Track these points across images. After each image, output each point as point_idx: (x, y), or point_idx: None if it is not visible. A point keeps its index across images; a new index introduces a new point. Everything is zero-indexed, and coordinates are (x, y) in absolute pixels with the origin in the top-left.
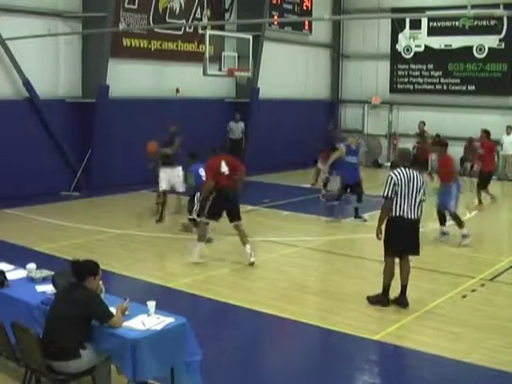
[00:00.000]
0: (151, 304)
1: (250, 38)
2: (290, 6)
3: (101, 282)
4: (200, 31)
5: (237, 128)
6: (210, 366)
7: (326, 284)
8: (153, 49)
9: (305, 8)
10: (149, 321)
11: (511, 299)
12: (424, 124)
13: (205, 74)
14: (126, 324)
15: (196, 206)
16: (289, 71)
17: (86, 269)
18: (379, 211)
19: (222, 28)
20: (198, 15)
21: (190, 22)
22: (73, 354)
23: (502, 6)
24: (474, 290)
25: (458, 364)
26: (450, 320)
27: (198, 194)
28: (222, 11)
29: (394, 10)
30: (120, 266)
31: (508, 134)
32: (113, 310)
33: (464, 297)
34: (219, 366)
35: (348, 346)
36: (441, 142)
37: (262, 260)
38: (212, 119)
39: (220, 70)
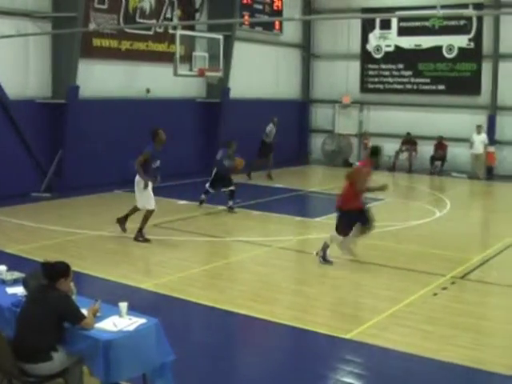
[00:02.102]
0: (123, 305)
1: (221, 38)
2: (260, 6)
3: (72, 284)
4: (170, 31)
5: (271, 131)
6: (183, 366)
7: (298, 283)
8: (123, 49)
9: (275, 8)
10: (121, 322)
11: (482, 297)
12: None
13: (175, 74)
14: (97, 325)
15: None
16: (260, 71)
17: (58, 270)
18: None
19: (192, 28)
20: (168, 15)
21: (160, 22)
22: (44, 356)
23: (471, 6)
24: (445, 288)
25: (429, 361)
26: (421, 318)
27: None
28: (192, 11)
29: (365, 10)
30: (91, 268)
31: (478, 133)
32: (84, 311)
33: (435, 295)
34: (191, 366)
35: (321, 345)
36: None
37: (234, 260)
38: (183, 119)
39: (191, 70)
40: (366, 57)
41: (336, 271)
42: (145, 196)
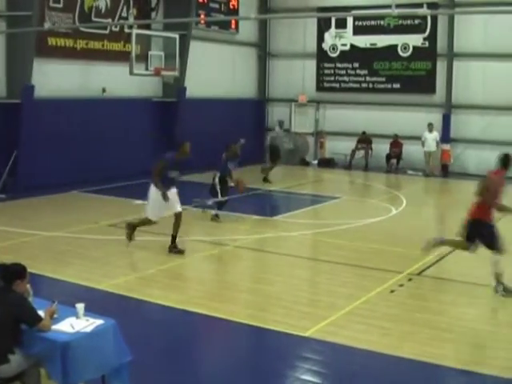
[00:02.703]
0: (80, 306)
1: (177, 37)
2: (216, 5)
3: (28, 286)
4: (126, 30)
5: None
6: (140, 367)
7: (256, 282)
8: (79, 48)
9: (231, 7)
10: (78, 323)
11: (438, 293)
12: None
13: (131, 73)
14: (54, 327)
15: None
16: (216, 70)
17: (13, 272)
18: (307, 209)
19: (148, 27)
20: (124, 14)
21: (116, 21)
22: (1, 359)
23: (425, 6)
24: (401, 285)
25: (388, 358)
26: (379, 315)
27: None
28: (148, 10)
29: (320, 9)
30: (48, 269)
31: (430, 131)
32: (41, 313)
33: (392, 292)
34: (149, 367)
35: (279, 344)
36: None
37: (191, 260)
38: (139, 119)
39: (147, 69)
40: (321, 56)
41: (293, 269)
42: (157, 205)
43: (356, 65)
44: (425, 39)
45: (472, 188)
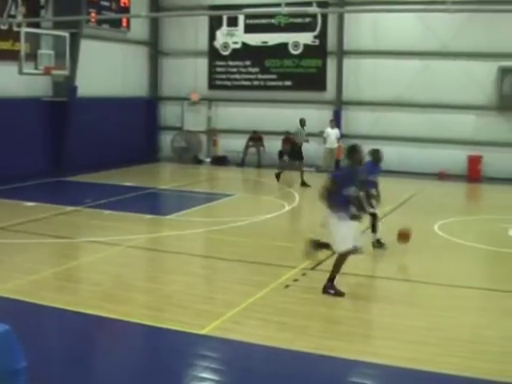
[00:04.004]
0: None
1: (67, 35)
2: (107, 3)
3: None
4: (15, 29)
5: (299, 132)
6: (37, 372)
7: (150, 282)
8: None
9: (122, 5)
10: None
11: None
12: None
13: (20, 72)
14: None
15: None
16: (107, 69)
17: None
18: (201, 207)
19: (37, 26)
20: (12, 12)
21: (4, 19)
22: None
23: (315, 4)
24: (296, 280)
25: (284, 352)
26: (274, 310)
27: None
28: (37, 8)
29: (212, 8)
30: None
31: (332, 127)
32: None
33: (287, 287)
34: (46, 372)
35: (176, 343)
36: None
37: (85, 261)
38: (28, 119)
39: (36, 68)
40: (213, 54)
41: (188, 268)
42: (340, 234)
43: (248, 63)
44: (315, 37)
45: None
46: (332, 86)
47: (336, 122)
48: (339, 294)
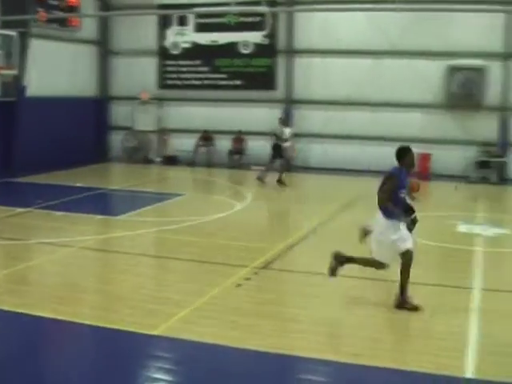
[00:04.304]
0: None
1: (15, 35)
2: (55, 2)
3: None
4: None
5: (282, 132)
6: None
7: (102, 283)
8: None
9: (71, 4)
10: None
11: (283, 285)
12: None
13: None
14: None
15: None
16: (57, 68)
17: None
18: (152, 207)
19: None
20: None
21: None
22: None
23: (264, 3)
24: (248, 279)
25: (236, 351)
26: (226, 309)
27: None
28: None
29: (162, 7)
30: None
31: (286, 126)
32: None
33: (239, 286)
34: None
35: (128, 344)
36: None
37: (36, 263)
38: None
39: None
40: (163, 53)
41: (139, 268)
42: (398, 234)
43: (198, 62)
44: (265, 36)
45: (315, 181)
46: (282, 85)
47: (287, 120)
48: (414, 308)
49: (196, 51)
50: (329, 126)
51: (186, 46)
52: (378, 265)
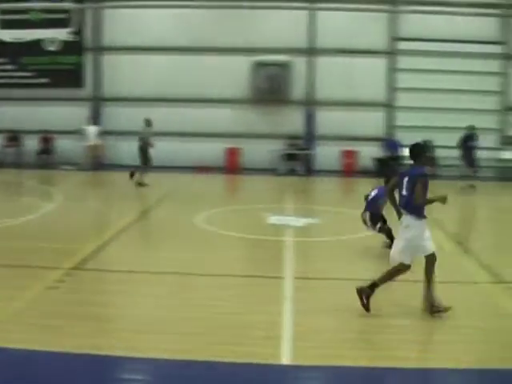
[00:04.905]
0: None
1: None
2: None
3: None
4: None
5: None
6: None
7: None
8: None
9: None
10: None
11: (100, 285)
12: None
13: None
14: None
15: None
16: None
17: None
18: None
19: None
20: None
21: None
22: None
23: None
24: (61, 281)
25: (47, 354)
26: (39, 313)
27: None
28: None
29: None
30: None
31: (91, 124)
32: None
33: (52, 288)
34: None
35: None
36: None
37: None
38: None
39: None
40: None
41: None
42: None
43: (3, 60)
44: (72, 33)
45: (127, 179)
46: (91, 83)
47: (96, 118)
48: (445, 309)
49: (1, 49)
50: (139, 123)
51: None
52: (405, 268)
